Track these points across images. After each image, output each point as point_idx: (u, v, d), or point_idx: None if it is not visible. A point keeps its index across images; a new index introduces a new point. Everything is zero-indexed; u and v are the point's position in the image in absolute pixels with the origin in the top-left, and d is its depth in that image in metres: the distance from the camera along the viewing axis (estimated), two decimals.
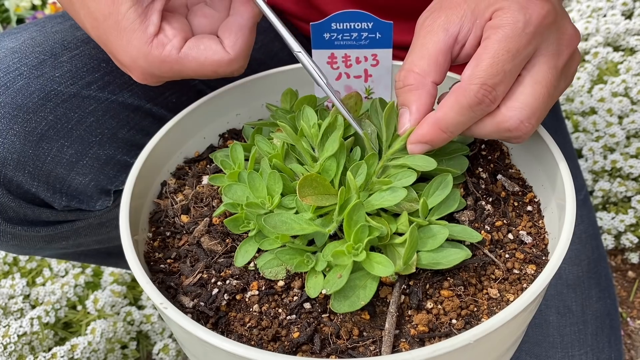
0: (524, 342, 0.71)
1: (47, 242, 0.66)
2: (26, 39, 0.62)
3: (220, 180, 0.51)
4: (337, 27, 0.54)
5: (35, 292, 1.02)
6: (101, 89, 0.63)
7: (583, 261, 0.77)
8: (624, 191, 1.19)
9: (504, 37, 0.42)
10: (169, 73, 0.49)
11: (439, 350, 0.34)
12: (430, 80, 0.44)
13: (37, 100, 0.58)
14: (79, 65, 0.62)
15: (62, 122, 0.59)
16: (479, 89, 0.41)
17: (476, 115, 0.43)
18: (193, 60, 0.48)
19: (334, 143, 0.46)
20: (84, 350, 0.91)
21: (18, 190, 0.58)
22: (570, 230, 0.42)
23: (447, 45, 0.44)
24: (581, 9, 1.61)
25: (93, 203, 0.64)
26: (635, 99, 1.28)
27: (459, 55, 0.46)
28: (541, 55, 0.43)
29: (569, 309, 0.73)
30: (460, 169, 0.50)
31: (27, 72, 0.59)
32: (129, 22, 0.46)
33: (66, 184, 0.61)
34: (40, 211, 0.61)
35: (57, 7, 1.80)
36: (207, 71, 0.49)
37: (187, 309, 0.44)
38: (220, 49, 0.49)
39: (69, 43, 0.64)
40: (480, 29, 0.44)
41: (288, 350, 0.40)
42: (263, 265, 0.44)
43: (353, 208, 0.41)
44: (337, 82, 0.58)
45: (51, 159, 0.59)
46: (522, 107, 0.43)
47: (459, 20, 0.44)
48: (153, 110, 0.68)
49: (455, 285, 0.43)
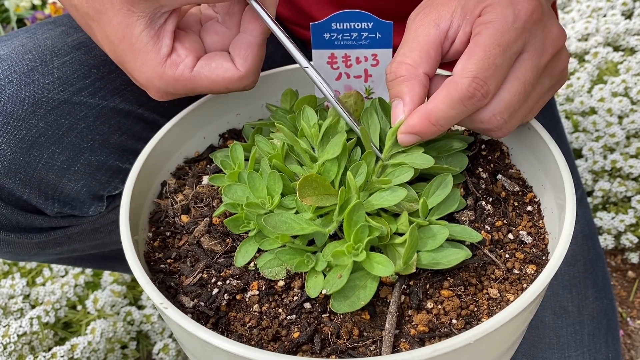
0: (520, 343, 0.71)
1: (41, 248, 0.66)
2: (16, 46, 0.62)
3: (220, 180, 0.51)
4: (337, 27, 0.54)
5: (35, 292, 1.02)
6: (92, 95, 0.63)
7: (579, 261, 0.77)
8: (624, 191, 1.19)
9: (495, 32, 0.42)
10: (183, 90, 0.50)
11: (439, 350, 0.34)
12: (422, 71, 0.45)
13: (27, 107, 0.57)
14: (70, 72, 0.62)
15: (53, 129, 0.59)
16: (471, 83, 0.42)
17: (467, 110, 0.43)
18: (205, 79, 0.49)
19: (336, 147, 0.46)
20: (84, 350, 0.91)
21: (10, 198, 0.58)
22: (570, 230, 0.42)
23: (438, 40, 0.45)
24: (581, 9, 1.61)
25: (86, 209, 0.64)
26: (635, 99, 1.28)
27: (448, 51, 0.46)
28: (526, 52, 0.44)
29: (565, 309, 0.73)
30: (460, 167, 0.50)
31: (17, 80, 0.58)
32: (143, 44, 0.47)
33: (58, 191, 0.61)
34: (33, 218, 0.61)
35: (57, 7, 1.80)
36: (219, 88, 0.50)
37: (187, 309, 0.44)
38: (231, 66, 0.50)
39: (59, 50, 0.63)
40: (469, 25, 0.45)
41: (288, 350, 0.40)
42: (263, 265, 0.44)
43: (353, 208, 0.41)
44: (337, 82, 0.58)
45: (42, 166, 0.59)
46: (497, 101, 0.43)
47: (450, 16, 0.45)
48: (145, 115, 0.68)
49: (455, 285, 0.43)
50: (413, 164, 0.45)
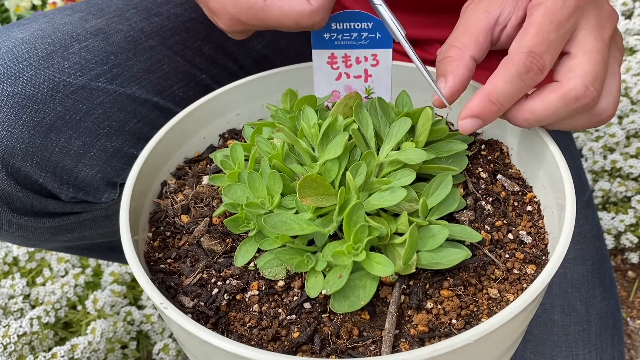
0: (529, 340, 0.71)
1: (52, 234, 0.67)
2: (35, 29, 0.63)
3: (220, 180, 0.51)
4: (337, 27, 0.54)
5: (35, 292, 1.02)
6: (109, 82, 0.63)
7: (587, 261, 0.77)
8: (624, 191, 1.19)
9: (546, 11, 0.44)
10: (253, 21, 0.51)
11: (439, 350, 0.34)
12: (469, 55, 0.47)
13: (45, 90, 0.58)
14: (88, 57, 0.63)
15: (70, 114, 0.59)
16: (527, 57, 0.43)
17: (526, 85, 0.44)
18: (278, 9, 0.49)
19: (337, 147, 0.46)
20: (84, 350, 0.91)
21: (25, 181, 0.58)
22: (570, 230, 0.42)
23: (488, 26, 0.47)
24: None
25: (99, 195, 0.65)
26: (635, 99, 1.28)
27: (500, 37, 0.48)
28: (583, 29, 0.45)
29: (573, 308, 0.73)
30: (460, 167, 0.50)
31: (37, 63, 0.59)
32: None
33: (73, 176, 0.61)
34: (47, 202, 0.61)
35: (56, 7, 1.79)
36: (289, 21, 0.50)
37: (187, 309, 0.44)
38: (304, 0, 0.50)
39: (77, 35, 0.64)
40: (522, 10, 0.47)
41: (288, 350, 0.40)
42: (263, 265, 0.44)
43: (352, 208, 0.41)
44: (337, 82, 0.58)
45: (59, 150, 0.59)
46: (584, 74, 0.44)
47: (500, 4, 0.47)
48: (161, 104, 0.69)
49: (455, 285, 0.43)
50: (407, 160, 0.45)
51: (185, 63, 0.73)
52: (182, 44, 0.74)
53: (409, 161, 0.45)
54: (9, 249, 1.12)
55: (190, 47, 0.75)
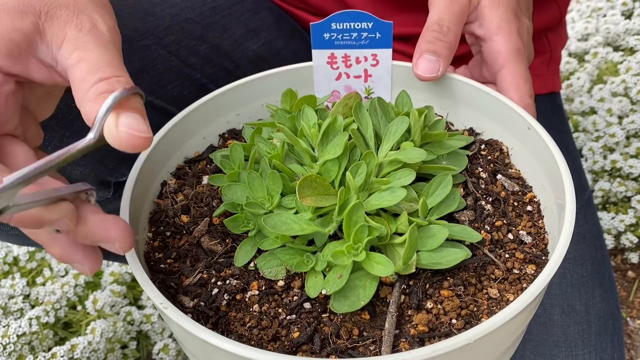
0: (529, 340, 0.71)
1: None
2: None
3: (220, 180, 0.51)
4: (337, 27, 0.54)
5: (35, 292, 1.03)
6: None
7: (587, 261, 0.77)
8: (624, 191, 1.19)
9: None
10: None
11: (439, 350, 0.34)
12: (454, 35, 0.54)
13: None
14: None
15: (63, 112, 0.59)
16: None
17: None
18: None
19: (337, 147, 0.46)
20: (84, 350, 0.91)
21: None
22: (570, 230, 0.42)
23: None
24: (581, 9, 1.61)
25: None
26: (635, 99, 1.28)
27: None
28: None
29: (573, 308, 0.73)
30: (460, 167, 0.50)
31: None
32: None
33: (66, 174, 0.61)
34: None
35: None
36: None
37: (187, 309, 0.44)
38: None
39: None
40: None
41: (288, 350, 0.40)
42: (263, 265, 0.44)
43: (352, 208, 0.41)
44: (337, 82, 0.58)
45: (52, 149, 0.59)
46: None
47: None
48: (155, 103, 0.69)
49: (455, 285, 0.43)
50: (406, 159, 0.45)
51: (180, 63, 0.73)
52: (177, 43, 0.73)
53: (408, 160, 0.45)
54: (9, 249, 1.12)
55: (186, 47, 0.74)
